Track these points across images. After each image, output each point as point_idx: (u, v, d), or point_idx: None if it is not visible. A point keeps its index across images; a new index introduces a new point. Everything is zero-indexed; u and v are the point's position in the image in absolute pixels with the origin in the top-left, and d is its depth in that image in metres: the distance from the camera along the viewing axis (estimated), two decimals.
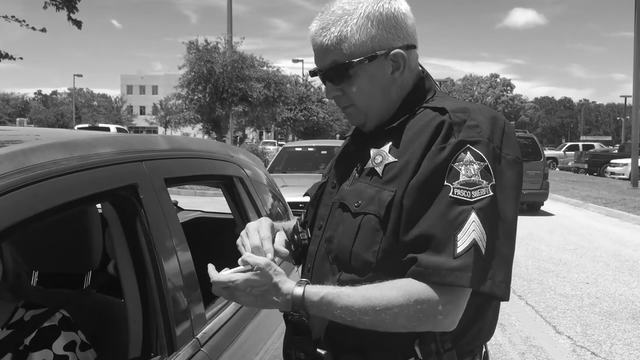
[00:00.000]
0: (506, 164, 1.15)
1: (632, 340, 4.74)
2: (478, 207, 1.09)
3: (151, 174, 1.53)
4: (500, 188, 1.12)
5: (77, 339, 1.50)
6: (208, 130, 24.71)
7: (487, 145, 1.12)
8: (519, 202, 1.16)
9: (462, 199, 1.09)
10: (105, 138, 1.54)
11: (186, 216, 3.37)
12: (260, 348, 1.96)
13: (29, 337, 1.46)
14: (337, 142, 12.40)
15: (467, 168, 1.10)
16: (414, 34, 1.25)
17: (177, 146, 1.87)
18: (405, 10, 1.24)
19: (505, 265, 1.11)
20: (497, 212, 1.11)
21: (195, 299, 1.57)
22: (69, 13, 11.63)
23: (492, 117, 1.17)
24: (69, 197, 1.21)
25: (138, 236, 1.43)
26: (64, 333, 1.49)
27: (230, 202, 2.19)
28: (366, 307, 1.10)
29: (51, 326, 1.49)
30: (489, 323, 1.25)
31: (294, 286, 1.16)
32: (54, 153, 1.24)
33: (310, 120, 40.60)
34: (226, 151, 2.27)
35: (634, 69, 18.17)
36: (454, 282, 1.06)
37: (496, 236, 1.10)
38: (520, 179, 1.17)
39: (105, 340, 1.58)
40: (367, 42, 1.20)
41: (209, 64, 21.33)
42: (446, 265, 1.07)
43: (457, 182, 1.10)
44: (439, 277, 1.07)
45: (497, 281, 1.09)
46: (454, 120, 1.13)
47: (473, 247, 1.07)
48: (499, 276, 1.09)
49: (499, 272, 1.10)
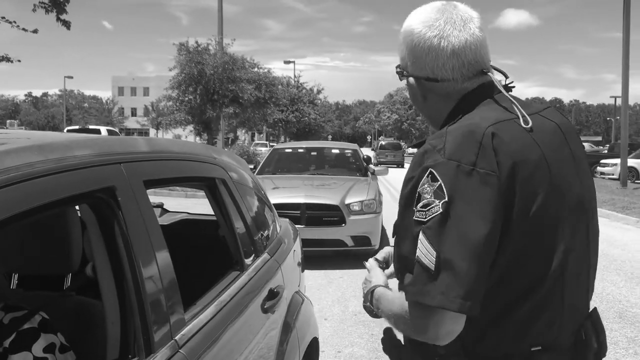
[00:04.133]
0: (478, 177, 1.13)
1: (619, 340, 4.77)
2: (426, 226, 1.14)
3: (130, 176, 1.53)
4: (465, 203, 1.13)
5: (56, 341, 1.50)
6: (199, 132, 24.65)
7: (445, 165, 1.15)
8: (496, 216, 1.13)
9: (419, 220, 1.16)
10: (83, 140, 1.54)
11: (172, 218, 3.37)
12: (245, 347, 1.96)
13: (8, 340, 1.46)
14: (328, 144, 12.42)
15: (425, 190, 1.16)
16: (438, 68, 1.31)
17: (158, 148, 1.87)
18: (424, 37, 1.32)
19: (463, 281, 1.10)
20: (454, 229, 1.11)
21: (175, 301, 1.57)
22: (57, 14, 11.61)
23: (465, 133, 1.18)
24: (44, 200, 1.21)
25: (116, 238, 1.43)
26: (44, 335, 1.49)
27: (213, 204, 2.20)
28: (387, 310, 1.33)
29: (31, 328, 1.49)
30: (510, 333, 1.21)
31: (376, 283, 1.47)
32: (29, 156, 1.24)
33: (302, 122, 40.62)
34: (209, 153, 2.27)
35: (623, 69, 18.30)
36: (407, 298, 1.18)
37: (452, 253, 1.10)
38: (494, 191, 1.13)
39: (84, 342, 1.58)
40: (402, 60, 1.39)
41: (199, 66, 21.29)
42: (406, 282, 1.19)
43: (419, 205, 1.17)
44: (405, 294, 1.20)
45: (451, 296, 1.09)
46: (426, 149, 1.21)
47: (417, 264, 1.14)
48: (453, 292, 1.09)
49: (455, 287, 1.09)
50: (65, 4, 11.58)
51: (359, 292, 6.16)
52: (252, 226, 2.36)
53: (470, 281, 1.10)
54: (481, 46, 1.32)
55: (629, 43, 17.92)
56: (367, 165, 9.45)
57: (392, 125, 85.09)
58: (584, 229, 1.30)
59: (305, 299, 2.89)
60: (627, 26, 17.85)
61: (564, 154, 1.29)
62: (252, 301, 2.11)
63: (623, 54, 18.02)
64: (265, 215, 2.75)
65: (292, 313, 2.59)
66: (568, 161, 1.29)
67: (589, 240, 1.33)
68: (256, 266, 2.29)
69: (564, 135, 1.33)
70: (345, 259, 7.50)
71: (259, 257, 2.37)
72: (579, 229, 1.28)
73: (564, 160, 1.28)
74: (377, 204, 7.59)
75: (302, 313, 2.70)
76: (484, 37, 1.33)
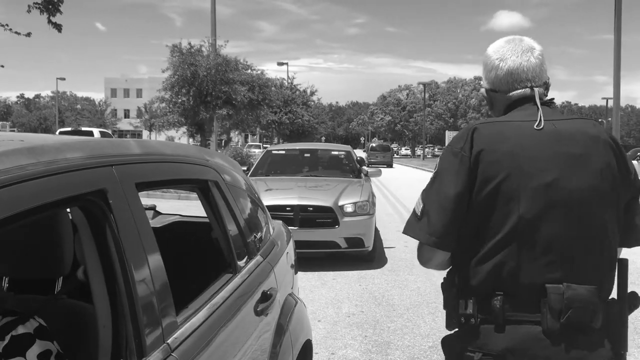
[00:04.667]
0: (459, 157, 1.61)
1: None
2: (424, 188, 1.69)
3: (121, 178, 1.53)
4: (446, 173, 1.63)
5: (52, 348, 1.49)
6: (192, 134, 24.61)
7: (446, 149, 1.70)
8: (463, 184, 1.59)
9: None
10: (74, 143, 1.53)
11: (165, 220, 3.36)
12: (238, 350, 1.96)
13: (2, 344, 1.45)
14: (321, 145, 12.41)
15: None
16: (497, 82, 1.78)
17: (150, 150, 1.86)
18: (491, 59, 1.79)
19: (432, 224, 1.60)
20: (435, 190, 1.64)
21: (167, 304, 1.56)
22: (49, 16, 11.57)
23: (464, 129, 1.67)
24: (35, 203, 1.20)
25: (107, 241, 1.42)
26: (39, 342, 1.48)
27: (205, 206, 2.19)
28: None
29: (26, 334, 1.48)
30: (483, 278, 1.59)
31: None
32: (20, 158, 1.23)
33: (296, 123, 40.62)
34: (201, 155, 2.26)
35: (614, 71, 18.41)
36: (403, 231, 1.73)
37: (430, 205, 1.63)
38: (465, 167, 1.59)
39: (76, 346, 1.57)
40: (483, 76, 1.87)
41: (192, 67, 21.25)
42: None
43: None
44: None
45: (424, 233, 1.62)
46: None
47: (412, 211, 1.70)
48: (426, 230, 1.62)
49: (427, 227, 1.61)
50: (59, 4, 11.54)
51: (353, 294, 6.17)
52: (245, 228, 2.36)
53: (437, 224, 1.60)
54: (532, 70, 1.73)
55: (620, 44, 18.04)
56: (360, 166, 9.46)
57: (386, 127, 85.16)
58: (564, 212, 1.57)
59: (299, 301, 2.89)
60: (619, 28, 17.96)
61: (547, 152, 1.59)
62: (245, 304, 2.10)
63: (614, 55, 18.13)
64: (258, 217, 2.74)
65: (286, 315, 2.58)
66: (552, 158, 1.59)
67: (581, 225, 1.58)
68: (249, 268, 2.29)
69: (561, 140, 1.61)
70: (338, 261, 7.50)
71: (252, 259, 2.37)
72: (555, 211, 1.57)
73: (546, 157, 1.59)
74: (370, 205, 7.60)
75: (296, 315, 2.69)
76: (537, 63, 1.75)
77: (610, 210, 1.62)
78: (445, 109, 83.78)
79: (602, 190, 1.60)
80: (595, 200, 1.59)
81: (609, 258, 1.63)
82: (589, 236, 1.59)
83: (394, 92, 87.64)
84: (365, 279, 6.81)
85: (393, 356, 4.38)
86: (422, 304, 5.78)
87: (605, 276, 1.62)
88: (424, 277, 6.92)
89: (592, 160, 1.60)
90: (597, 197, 1.59)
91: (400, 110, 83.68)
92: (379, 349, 4.52)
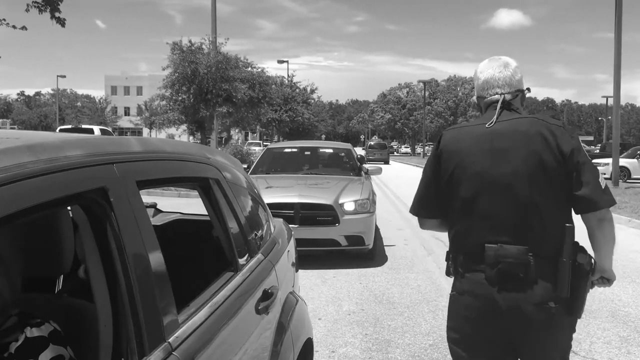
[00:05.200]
0: (433, 153, 2.28)
1: (611, 339, 4.79)
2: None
3: (122, 176, 1.52)
4: (426, 165, 2.33)
5: (65, 354, 1.48)
6: (192, 131, 24.60)
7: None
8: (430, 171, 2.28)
9: None
10: (75, 140, 1.52)
11: (165, 218, 3.35)
12: (239, 349, 1.95)
13: (16, 345, 1.44)
14: (322, 143, 12.39)
15: None
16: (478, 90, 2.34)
17: (151, 148, 1.85)
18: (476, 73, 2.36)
19: (415, 199, 2.36)
20: (421, 178, 2.34)
21: (168, 303, 1.56)
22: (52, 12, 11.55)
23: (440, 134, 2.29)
24: (35, 201, 1.19)
25: (108, 239, 1.42)
26: (53, 346, 1.47)
27: (206, 204, 2.18)
28: None
29: (41, 337, 1.47)
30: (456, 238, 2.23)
31: None
32: (19, 156, 1.22)
33: (296, 121, 40.59)
34: (202, 153, 2.25)
35: (615, 69, 18.38)
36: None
37: (417, 189, 2.35)
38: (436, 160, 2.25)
39: (76, 344, 1.56)
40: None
41: (193, 65, 21.26)
42: None
43: None
44: None
45: (412, 206, 2.38)
46: None
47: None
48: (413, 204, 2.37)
49: (413, 202, 2.37)
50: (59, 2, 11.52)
51: (353, 292, 6.17)
52: (246, 226, 2.35)
53: (416, 199, 2.35)
54: (502, 79, 2.23)
55: (620, 43, 18.01)
56: (360, 164, 9.44)
57: (386, 125, 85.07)
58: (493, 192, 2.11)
59: (300, 300, 2.88)
60: (619, 26, 17.94)
61: (481, 148, 2.14)
62: (246, 302, 2.10)
63: (615, 53, 18.11)
64: (259, 215, 2.74)
65: (287, 314, 2.57)
66: (483, 152, 2.13)
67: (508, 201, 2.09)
68: (250, 267, 2.28)
69: (493, 138, 2.14)
70: (338, 259, 7.50)
71: (253, 257, 2.36)
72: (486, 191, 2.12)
73: (479, 151, 2.14)
74: (370, 203, 7.59)
75: (297, 314, 2.69)
76: (508, 75, 2.24)
77: (539, 187, 2.07)
78: (445, 107, 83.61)
79: (527, 172, 2.07)
80: (519, 181, 2.07)
81: (539, 224, 2.07)
82: (515, 209, 2.08)
83: (394, 90, 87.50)
84: (366, 277, 6.81)
85: (393, 354, 4.37)
86: (423, 302, 5.77)
87: (537, 238, 2.07)
88: (425, 275, 6.92)
89: (518, 151, 2.08)
90: (521, 178, 2.07)
91: (401, 108, 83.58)
92: (379, 347, 4.51)
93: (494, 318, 2.10)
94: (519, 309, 2.06)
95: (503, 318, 2.09)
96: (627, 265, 7.55)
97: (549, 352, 2.14)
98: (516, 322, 2.08)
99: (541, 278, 2.06)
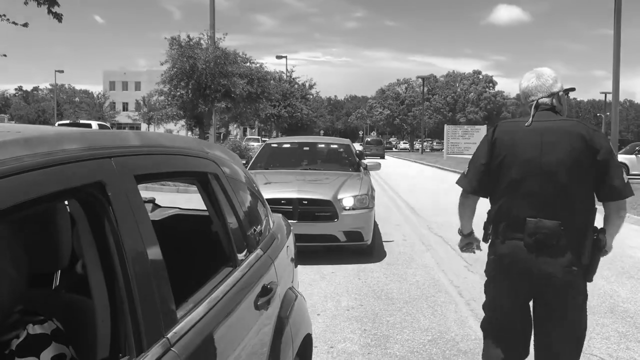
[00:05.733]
0: (487, 140, 2.81)
1: (610, 334, 4.79)
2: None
3: (120, 170, 1.50)
4: (478, 150, 2.84)
5: (67, 352, 1.46)
6: (191, 127, 24.55)
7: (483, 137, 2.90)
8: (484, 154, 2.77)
9: None
10: (72, 134, 1.50)
11: (164, 213, 3.33)
12: (238, 345, 1.94)
13: (17, 342, 1.42)
14: (321, 139, 12.36)
15: None
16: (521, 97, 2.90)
17: (149, 142, 1.84)
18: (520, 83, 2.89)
19: (467, 176, 2.86)
20: (473, 160, 2.85)
21: (166, 298, 1.54)
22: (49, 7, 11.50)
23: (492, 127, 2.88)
24: (32, 195, 1.18)
25: (106, 234, 1.40)
26: (55, 344, 1.44)
27: (205, 199, 2.16)
28: None
29: (43, 334, 1.45)
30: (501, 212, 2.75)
31: None
32: (16, 150, 1.20)
33: (294, 117, 40.51)
34: (201, 147, 2.24)
35: (614, 66, 18.35)
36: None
37: (470, 169, 2.84)
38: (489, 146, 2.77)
39: (74, 340, 1.54)
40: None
41: (191, 60, 21.18)
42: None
43: None
44: None
45: (462, 181, 2.89)
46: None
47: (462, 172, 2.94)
48: (463, 180, 2.89)
49: (464, 178, 2.88)
50: None
51: (352, 288, 6.17)
52: (244, 221, 2.34)
53: (468, 176, 2.85)
54: (535, 88, 2.80)
55: (619, 39, 17.98)
56: (359, 160, 9.42)
57: (384, 121, 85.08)
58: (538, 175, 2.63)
59: (299, 295, 2.87)
60: (618, 22, 17.91)
61: (532, 140, 2.66)
62: (245, 298, 2.08)
63: (614, 50, 18.08)
64: (258, 211, 2.72)
65: (286, 309, 2.56)
66: (534, 144, 2.65)
67: (549, 184, 2.62)
68: (249, 262, 2.27)
69: (542, 132, 2.66)
70: (337, 254, 7.49)
71: (252, 252, 2.35)
72: (532, 175, 2.64)
73: (530, 143, 2.66)
74: (369, 199, 7.58)
75: (296, 309, 2.68)
76: (540, 83, 2.79)
77: (576, 176, 2.60)
78: (444, 103, 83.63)
79: (567, 163, 2.59)
80: (560, 169, 2.60)
81: (571, 205, 2.62)
82: (554, 191, 2.61)
83: (393, 85, 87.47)
84: (365, 272, 6.81)
85: (392, 350, 4.37)
86: (421, 298, 5.77)
87: (568, 216, 2.61)
88: (423, 270, 6.92)
89: (563, 145, 2.61)
90: (562, 167, 2.59)
91: (399, 104, 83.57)
92: (378, 342, 4.51)
93: (529, 276, 2.65)
94: (549, 271, 2.61)
95: (534, 276, 2.64)
96: (626, 261, 7.55)
97: (569, 301, 2.70)
98: (546, 279, 2.63)
99: (569, 247, 2.60)
